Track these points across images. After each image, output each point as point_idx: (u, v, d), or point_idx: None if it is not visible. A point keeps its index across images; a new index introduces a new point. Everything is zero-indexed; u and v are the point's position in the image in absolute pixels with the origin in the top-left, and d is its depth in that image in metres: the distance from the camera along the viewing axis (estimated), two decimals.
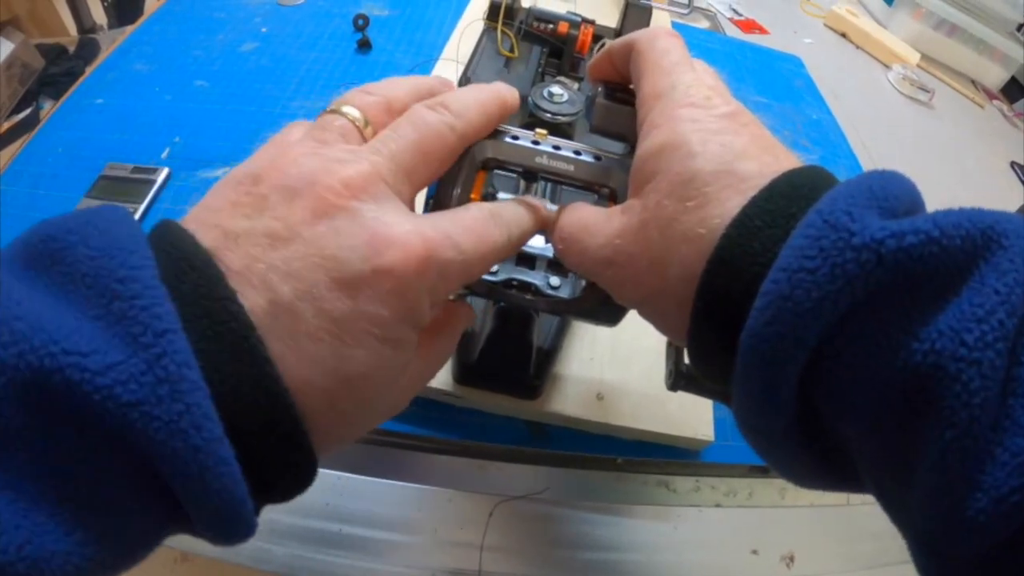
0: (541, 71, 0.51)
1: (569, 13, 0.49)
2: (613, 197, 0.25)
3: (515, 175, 0.27)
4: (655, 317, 0.21)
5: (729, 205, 0.17)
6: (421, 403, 0.38)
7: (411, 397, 0.22)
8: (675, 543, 0.37)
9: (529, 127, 0.29)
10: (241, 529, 0.16)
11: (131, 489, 0.15)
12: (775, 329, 0.15)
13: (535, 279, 0.29)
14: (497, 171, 0.27)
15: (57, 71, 1.36)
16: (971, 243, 0.14)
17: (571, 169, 0.25)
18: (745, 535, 0.38)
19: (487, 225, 0.20)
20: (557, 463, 0.39)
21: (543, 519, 0.37)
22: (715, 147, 0.18)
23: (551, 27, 0.47)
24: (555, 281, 0.29)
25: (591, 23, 0.49)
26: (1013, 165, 0.85)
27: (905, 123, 0.83)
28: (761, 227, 0.16)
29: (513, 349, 0.35)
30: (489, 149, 0.25)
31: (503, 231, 0.21)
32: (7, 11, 1.37)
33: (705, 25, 0.86)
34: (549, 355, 0.36)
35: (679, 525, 0.38)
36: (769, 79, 0.77)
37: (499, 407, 0.37)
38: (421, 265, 0.17)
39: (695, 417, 0.38)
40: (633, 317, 0.23)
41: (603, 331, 0.41)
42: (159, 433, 0.14)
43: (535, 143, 0.25)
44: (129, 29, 0.68)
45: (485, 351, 0.35)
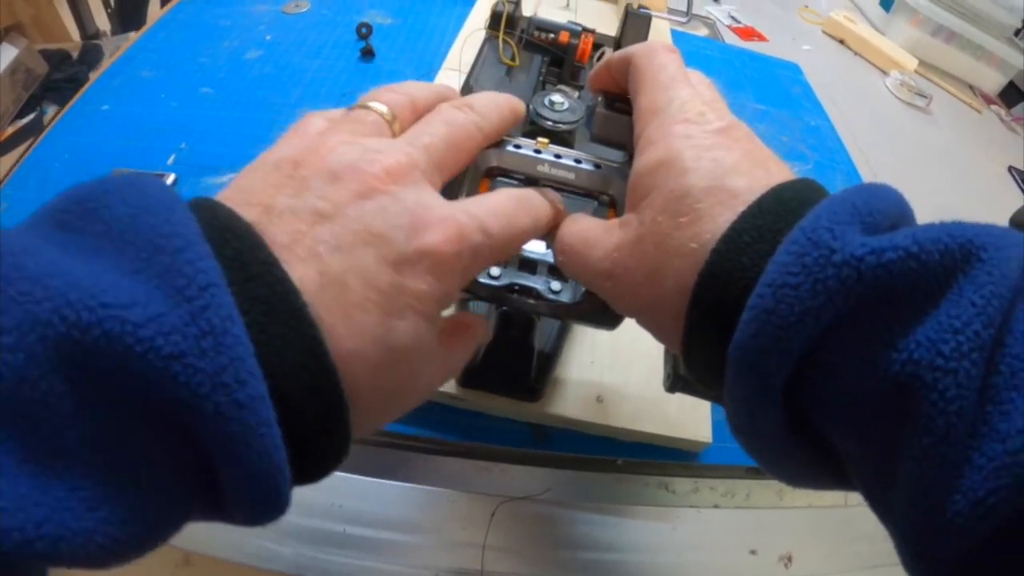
0: (542, 79, 0.52)
1: (569, 23, 0.50)
2: (613, 204, 0.26)
3: (518, 183, 0.28)
4: (652, 326, 0.21)
5: (720, 221, 0.18)
6: (425, 406, 0.38)
7: (430, 391, 0.22)
8: (674, 543, 0.38)
9: (530, 135, 0.29)
10: (275, 501, 0.15)
11: (164, 460, 0.14)
12: (761, 342, 0.16)
13: (537, 284, 0.30)
14: (500, 179, 0.28)
15: (61, 77, 1.37)
16: (950, 257, 0.15)
17: (572, 177, 0.26)
18: (743, 535, 0.39)
19: (515, 210, 0.22)
20: (558, 464, 0.39)
21: (545, 520, 0.37)
22: (707, 163, 0.19)
23: (552, 36, 0.48)
24: (556, 286, 0.30)
25: (591, 32, 0.50)
26: (1011, 170, 0.85)
27: (903, 129, 0.84)
28: (749, 242, 0.17)
29: (515, 353, 0.36)
30: (493, 158, 0.26)
31: (530, 216, 0.22)
32: (11, 17, 1.38)
33: (704, 33, 0.87)
34: (550, 359, 0.37)
35: (678, 526, 0.39)
36: (767, 86, 0.78)
37: (501, 409, 0.38)
38: (457, 246, 0.18)
39: (693, 419, 0.39)
40: (632, 322, 0.23)
41: (603, 335, 0.41)
42: (202, 387, 0.13)
43: (537, 152, 0.26)
44: (134, 36, 0.69)
45: (488, 355, 0.35)
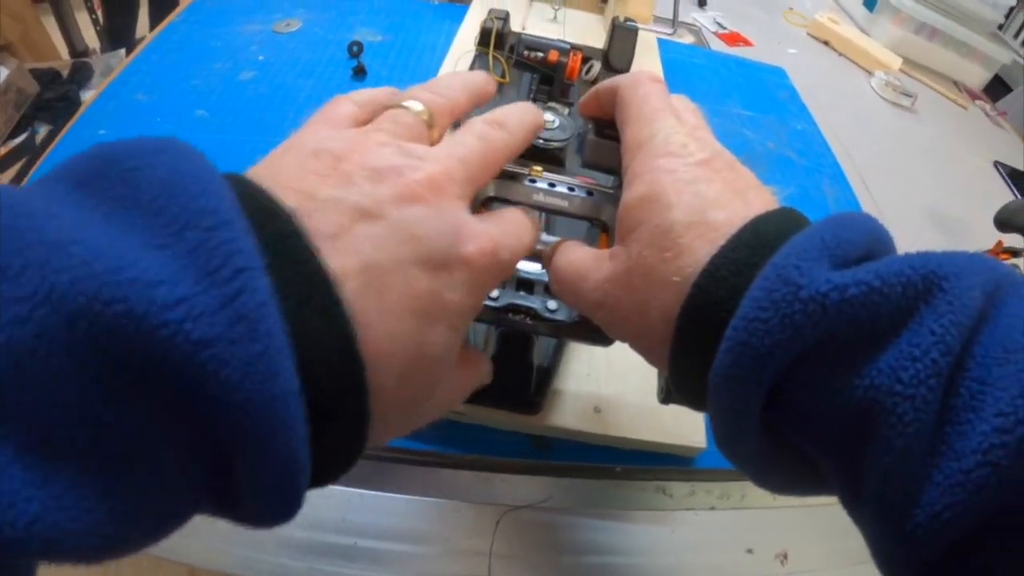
0: (533, 97, 0.53)
1: (558, 41, 0.51)
2: (605, 229, 0.27)
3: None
4: (641, 350, 0.23)
5: (700, 255, 0.19)
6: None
7: (442, 410, 0.23)
8: (673, 546, 0.39)
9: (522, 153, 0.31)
10: (292, 500, 0.15)
11: (176, 452, 0.13)
12: (736, 371, 0.17)
13: (534, 303, 0.31)
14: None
15: (52, 96, 1.37)
16: (912, 289, 0.16)
17: (565, 205, 0.27)
18: (740, 535, 0.40)
19: (525, 229, 0.23)
20: (559, 473, 0.40)
21: (548, 527, 0.39)
22: (689, 197, 0.20)
23: (541, 56, 0.49)
24: (552, 305, 0.31)
25: (579, 50, 0.51)
26: (996, 164, 0.87)
27: (889, 129, 0.86)
28: (727, 276, 0.18)
29: (514, 369, 0.37)
30: (491, 187, 0.27)
31: (531, 235, 0.23)
32: (1, 37, 1.39)
33: (690, 40, 0.88)
34: (548, 372, 0.38)
35: (676, 528, 0.40)
36: (753, 92, 0.79)
37: (502, 422, 0.39)
38: (491, 260, 0.19)
39: (688, 426, 0.40)
40: None
41: (599, 348, 0.43)
42: (232, 376, 0.12)
43: (532, 180, 0.27)
44: (125, 57, 0.69)
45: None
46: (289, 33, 0.71)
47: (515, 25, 0.72)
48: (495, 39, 0.60)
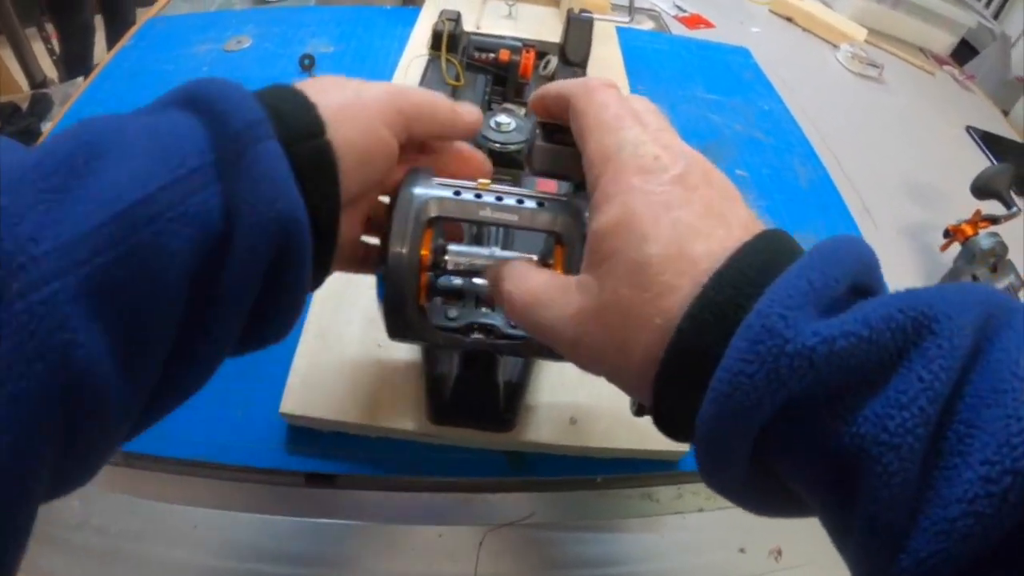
0: (488, 99, 0.52)
1: (510, 39, 0.49)
2: (560, 241, 0.26)
3: (464, 229, 0.27)
4: (618, 383, 0.21)
5: (682, 295, 0.18)
6: (399, 445, 0.38)
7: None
8: (664, 551, 0.38)
9: None
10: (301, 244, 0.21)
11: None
12: (721, 422, 0.16)
13: (495, 320, 0.30)
14: (443, 223, 0.28)
15: (13, 130, 1.35)
16: (901, 334, 0.15)
17: (515, 219, 0.26)
18: (731, 535, 0.39)
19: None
20: (540, 488, 0.39)
21: (532, 543, 0.37)
22: (666, 228, 0.19)
23: (492, 55, 0.48)
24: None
25: (532, 46, 0.50)
26: (968, 129, 0.86)
27: (857, 101, 0.85)
28: (711, 321, 0.17)
29: (482, 387, 0.35)
30: (433, 208, 0.25)
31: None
32: None
33: (650, 26, 0.87)
34: (518, 388, 0.37)
35: (666, 533, 0.39)
36: (718, 74, 0.78)
37: (474, 441, 0.38)
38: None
39: None
40: None
41: None
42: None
43: (478, 195, 0.26)
44: (78, 90, 0.67)
45: (455, 391, 0.35)
46: (240, 51, 0.70)
47: (469, 24, 0.70)
48: (447, 41, 0.59)
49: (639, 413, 0.29)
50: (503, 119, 0.37)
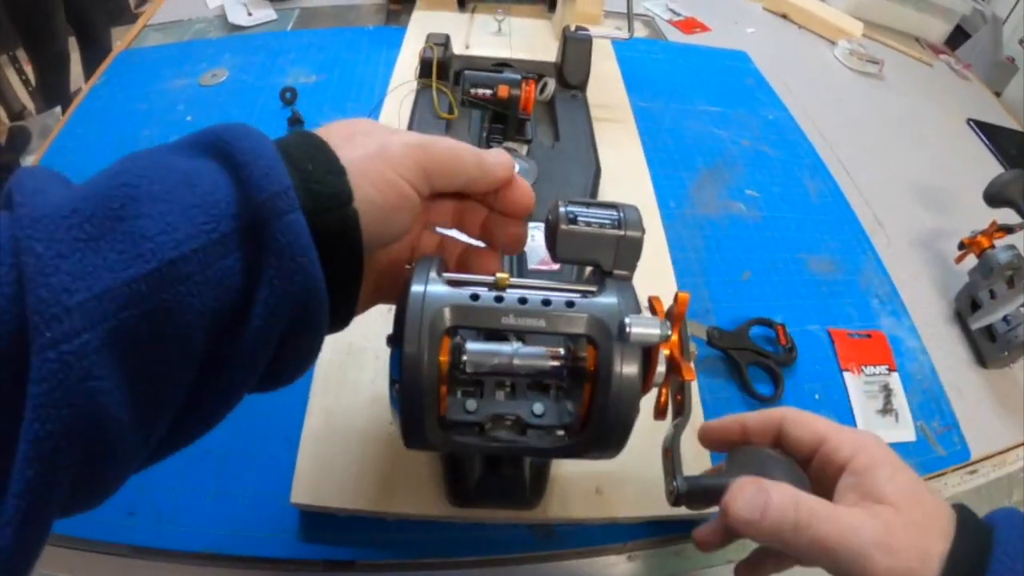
0: (487, 136, 0.49)
1: (508, 72, 0.46)
2: (592, 342, 0.23)
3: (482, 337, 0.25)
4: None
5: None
6: (419, 526, 0.36)
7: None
8: None
9: None
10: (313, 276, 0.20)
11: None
12: None
13: (518, 410, 0.27)
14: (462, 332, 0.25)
15: None
16: None
17: (542, 324, 0.23)
18: None
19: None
20: (567, 557, 0.37)
21: None
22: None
23: (490, 92, 0.45)
24: (539, 408, 0.27)
25: (531, 77, 0.47)
26: (970, 122, 0.84)
27: (860, 101, 0.82)
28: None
29: (506, 470, 0.33)
30: (448, 317, 0.23)
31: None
32: None
33: (645, 33, 0.83)
34: (543, 468, 0.35)
35: None
36: (719, 83, 0.75)
37: (499, 518, 0.36)
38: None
39: None
40: None
41: None
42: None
43: (498, 299, 0.23)
44: (56, 128, 0.64)
45: (479, 476, 0.33)
46: (217, 85, 0.66)
47: (457, 45, 0.67)
48: (437, 69, 0.56)
49: (676, 502, 0.27)
50: None
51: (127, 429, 0.18)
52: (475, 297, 0.23)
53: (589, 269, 0.28)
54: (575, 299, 0.24)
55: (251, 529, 0.36)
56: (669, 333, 0.23)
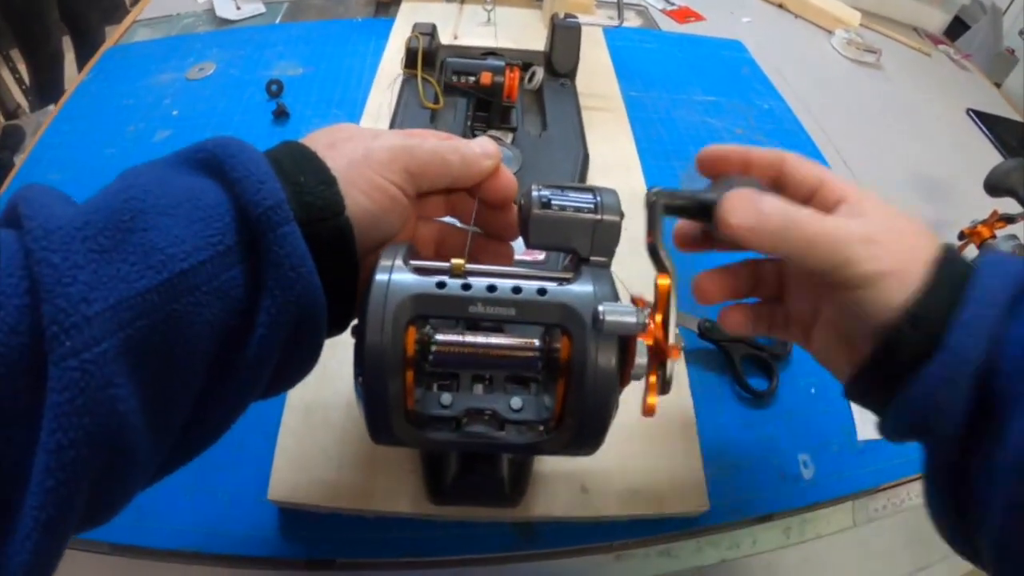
0: (470, 124, 0.48)
1: (491, 59, 0.45)
2: (566, 333, 0.23)
3: (453, 325, 0.24)
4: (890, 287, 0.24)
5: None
6: (400, 523, 0.35)
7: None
8: None
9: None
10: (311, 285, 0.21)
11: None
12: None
13: (495, 404, 0.26)
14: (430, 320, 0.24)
15: None
16: None
17: (512, 312, 0.22)
18: None
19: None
20: (552, 556, 0.36)
21: None
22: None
23: (472, 79, 0.44)
24: (516, 402, 0.26)
25: (515, 64, 0.46)
26: (969, 112, 0.83)
27: (857, 92, 0.81)
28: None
29: (484, 467, 0.32)
30: (411, 307, 0.22)
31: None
32: None
33: (638, 23, 0.82)
34: (523, 465, 0.34)
35: None
36: (713, 72, 0.74)
37: (480, 516, 0.35)
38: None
39: (686, 490, 0.36)
40: None
41: None
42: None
43: (466, 286, 0.22)
44: (44, 123, 0.63)
45: (456, 473, 0.32)
46: (204, 79, 0.65)
47: (446, 35, 0.66)
48: (422, 59, 0.55)
49: (651, 209, 0.28)
50: None
51: (143, 437, 0.18)
52: (441, 285, 0.22)
53: (569, 256, 0.27)
54: (548, 287, 0.23)
55: (230, 526, 0.35)
56: (647, 322, 0.22)
